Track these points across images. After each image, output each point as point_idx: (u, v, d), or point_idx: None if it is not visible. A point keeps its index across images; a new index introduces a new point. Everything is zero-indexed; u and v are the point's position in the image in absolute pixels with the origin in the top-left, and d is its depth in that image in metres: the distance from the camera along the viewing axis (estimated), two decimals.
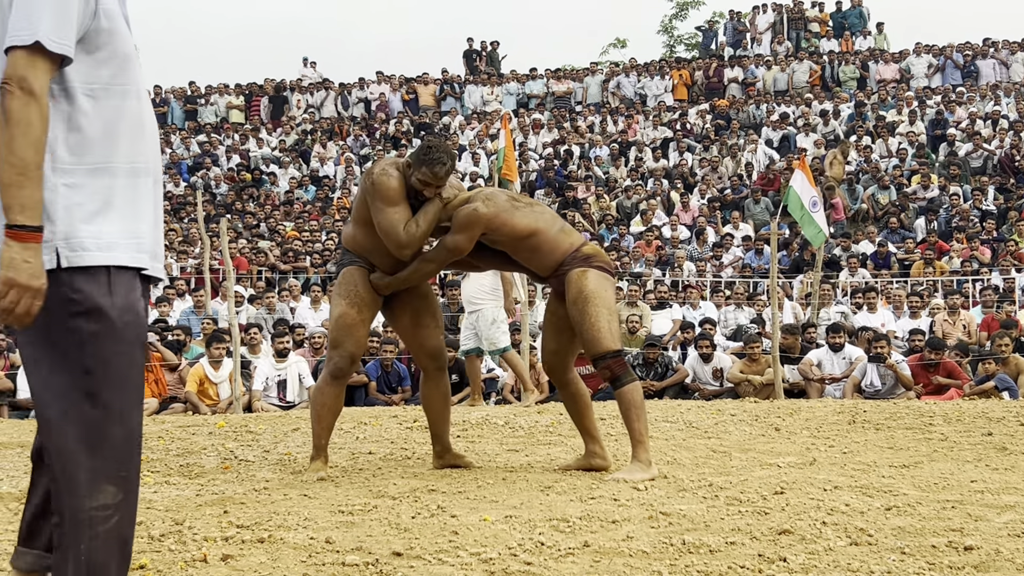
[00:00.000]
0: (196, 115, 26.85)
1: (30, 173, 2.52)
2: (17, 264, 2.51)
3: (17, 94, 2.53)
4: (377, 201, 5.60)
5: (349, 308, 5.77)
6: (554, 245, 5.69)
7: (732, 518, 4.46)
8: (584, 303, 5.57)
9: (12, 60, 2.55)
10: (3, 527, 4.34)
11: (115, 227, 2.68)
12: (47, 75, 2.57)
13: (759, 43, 27.79)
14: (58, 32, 2.56)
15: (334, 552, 3.92)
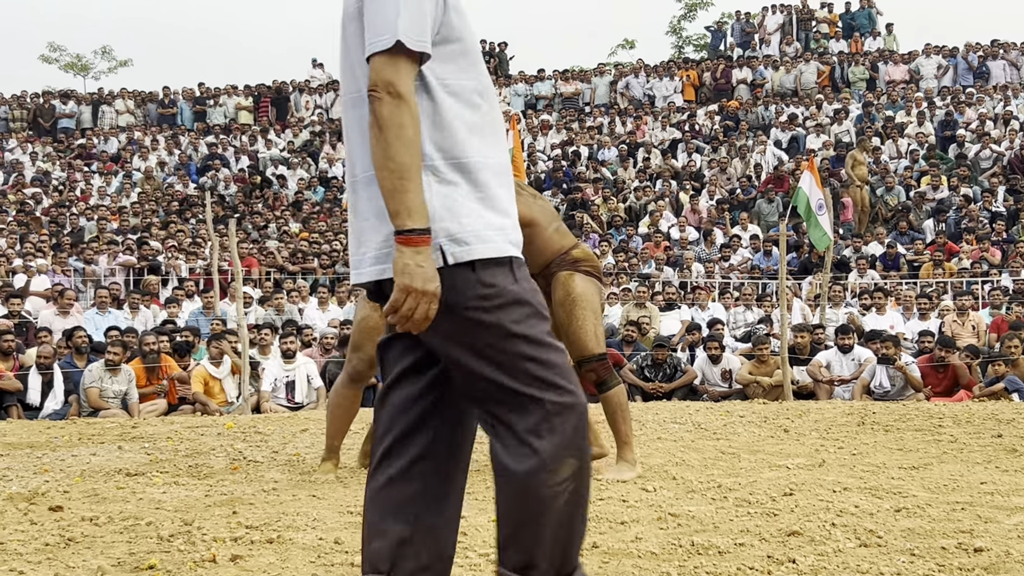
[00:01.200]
0: (205, 116, 26.88)
1: (410, 176, 2.50)
2: (411, 270, 2.49)
3: (386, 99, 2.51)
4: None
5: (373, 311, 5.79)
6: (547, 242, 5.63)
7: (741, 519, 4.46)
8: (571, 306, 5.54)
9: (375, 66, 2.53)
10: (14, 527, 4.35)
11: (494, 220, 2.64)
12: (411, 75, 2.56)
13: (768, 44, 27.74)
14: (415, 30, 2.55)
15: (343, 553, 3.92)
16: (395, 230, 2.51)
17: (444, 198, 2.60)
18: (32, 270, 15.44)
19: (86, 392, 10.83)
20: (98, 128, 26.87)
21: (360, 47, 2.63)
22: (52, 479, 5.58)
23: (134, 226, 19.77)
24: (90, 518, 4.49)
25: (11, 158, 25.00)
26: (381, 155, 2.52)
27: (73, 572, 3.66)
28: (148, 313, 14.01)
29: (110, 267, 16.50)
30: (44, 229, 19.33)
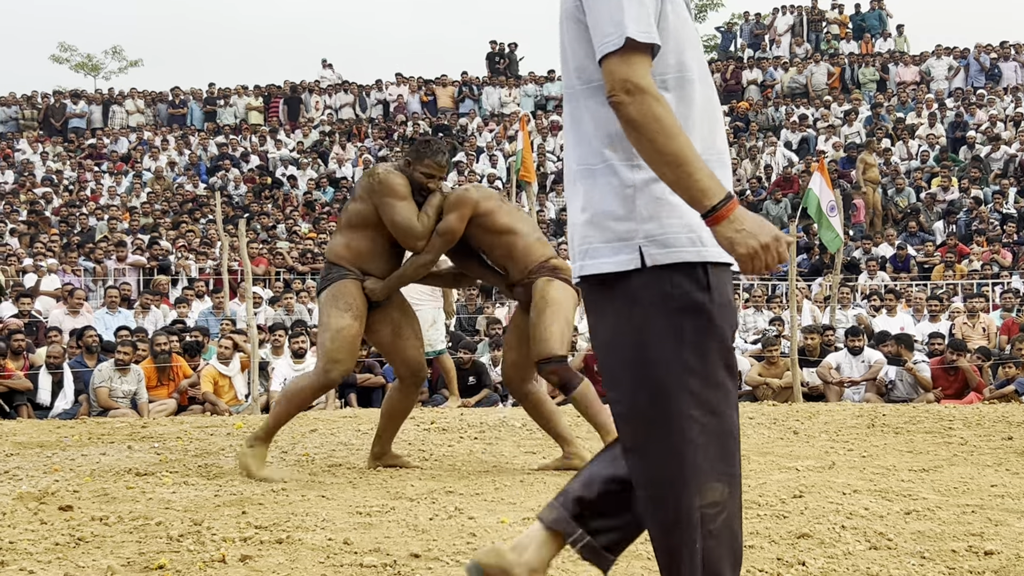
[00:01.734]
0: (215, 116, 26.93)
1: (686, 159, 2.42)
2: (736, 239, 2.41)
3: (626, 99, 2.44)
4: (388, 198, 5.77)
5: (353, 320, 5.84)
6: (528, 250, 5.88)
7: (751, 521, 4.45)
8: (545, 306, 5.74)
9: (608, 68, 2.47)
10: (24, 526, 4.36)
11: (687, 221, 2.53)
12: (646, 67, 2.48)
13: (778, 45, 27.70)
14: (642, 23, 2.48)
15: (352, 553, 3.92)
16: (702, 215, 2.44)
17: (647, 196, 2.54)
18: (42, 270, 15.47)
19: (96, 392, 10.85)
20: (108, 128, 26.94)
21: (573, 46, 2.60)
22: (62, 478, 5.59)
23: (144, 226, 19.81)
24: (100, 518, 4.50)
25: (22, 158, 25.08)
26: (650, 153, 2.46)
27: (83, 572, 3.66)
28: (158, 313, 14.03)
29: (120, 267, 16.53)
30: (54, 229, 19.38)
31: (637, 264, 2.52)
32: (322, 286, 5.97)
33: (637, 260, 2.52)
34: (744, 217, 2.43)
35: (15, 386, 10.80)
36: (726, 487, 2.58)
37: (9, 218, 20.23)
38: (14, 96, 28.27)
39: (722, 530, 2.57)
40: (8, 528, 4.32)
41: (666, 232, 2.52)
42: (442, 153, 5.91)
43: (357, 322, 5.83)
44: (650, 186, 2.53)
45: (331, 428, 7.99)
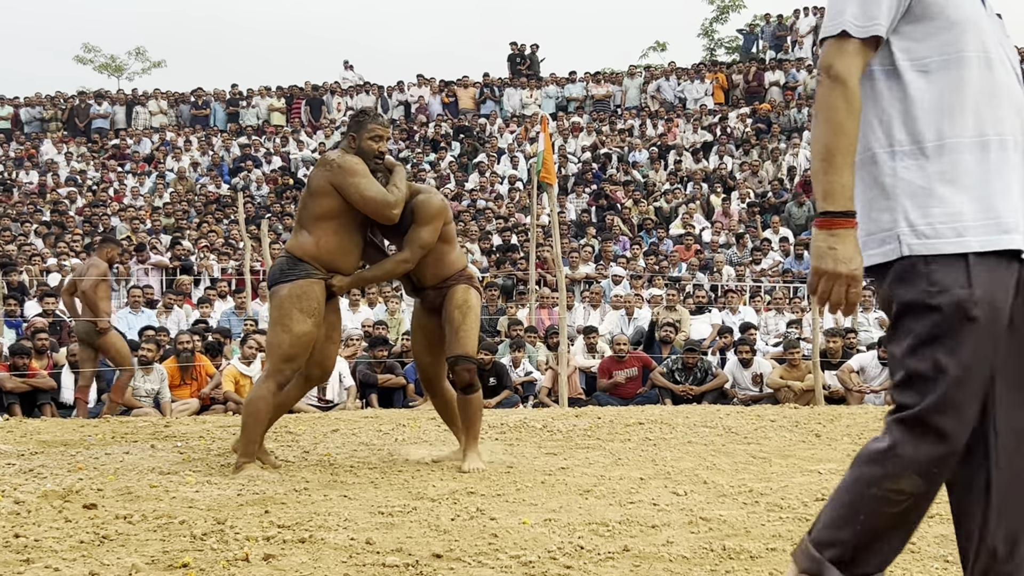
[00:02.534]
0: (238, 117, 27.04)
1: (832, 159, 2.48)
2: (822, 252, 2.48)
3: (824, 81, 2.52)
4: (350, 178, 5.86)
5: (314, 328, 5.91)
6: (455, 259, 6.25)
7: (773, 524, 4.44)
8: (467, 311, 6.12)
9: (824, 50, 2.55)
10: (49, 524, 4.39)
11: (966, 208, 2.50)
12: (856, 58, 2.52)
13: (800, 46, 27.62)
14: (864, 16, 2.52)
15: (374, 553, 3.93)
16: (816, 213, 2.50)
17: (909, 185, 2.53)
18: (66, 269, 15.56)
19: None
20: (132, 129, 27.08)
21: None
22: (86, 477, 5.63)
23: (166, 226, 19.91)
24: (124, 516, 4.53)
25: (46, 158, 25.23)
26: (814, 137, 2.54)
27: (107, 570, 3.68)
28: (181, 313, 14.10)
29: (143, 267, 16.62)
30: (78, 229, 19.48)
31: (898, 254, 2.52)
32: (282, 279, 5.93)
33: (897, 250, 2.52)
34: (846, 241, 2.46)
35: (39, 385, 10.87)
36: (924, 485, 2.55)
37: (33, 218, 20.35)
38: (39, 96, 28.45)
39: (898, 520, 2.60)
40: (33, 526, 4.35)
41: (928, 222, 2.50)
42: (379, 115, 6.20)
43: (316, 328, 5.92)
44: (911, 174, 2.53)
45: (352, 428, 8.01)
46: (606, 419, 8.58)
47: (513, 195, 21.32)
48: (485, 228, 19.18)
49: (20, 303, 13.64)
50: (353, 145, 6.04)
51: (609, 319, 14.45)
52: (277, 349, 5.88)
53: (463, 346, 6.05)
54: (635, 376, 12.31)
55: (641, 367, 12.36)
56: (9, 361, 10.93)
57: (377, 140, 6.03)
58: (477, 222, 19.50)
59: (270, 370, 5.94)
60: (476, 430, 6.22)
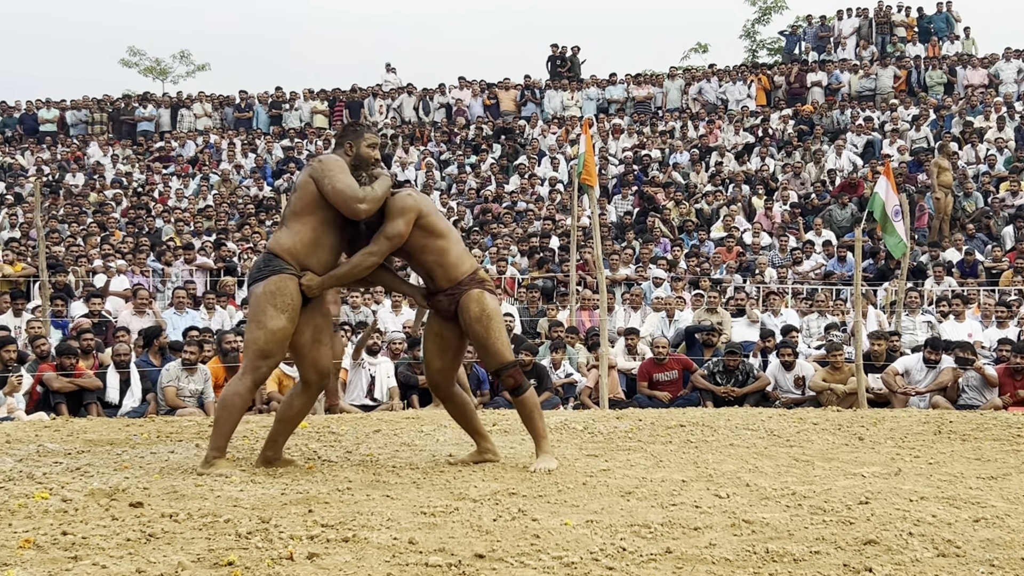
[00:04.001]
0: (281, 120, 27.20)
1: None
2: None
3: None
4: (328, 172, 5.86)
5: (288, 324, 5.91)
6: (459, 259, 6.15)
7: (816, 527, 4.42)
8: (488, 320, 6.05)
9: None
10: (96, 521, 4.45)
11: None
12: None
13: (843, 47, 27.41)
14: None
15: (417, 553, 3.96)
16: None
17: None
18: (112, 270, 15.74)
19: (163, 391, 11.04)
20: (176, 131, 27.33)
21: None
22: (132, 476, 5.69)
23: (210, 228, 20.08)
24: (170, 514, 4.58)
25: (92, 160, 25.52)
26: None
27: (154, 567, 3.73)
28: (224, 314, 14.21)
29: (187, 269, 16.77)
30: (121, 231, 19.69)
31: None
32: (258, 276, 5.98)
33: None
34: None
35: (85, 385, 11.00)
36: None
37: (79, 219, 20.59)
38: (85, 99, 28.78)
39: None
40: (80, 523, 4.41)
41: None
42: (374, 125, 6.22)
43: (291, 324, 5.92)
44: None
45: (394, 429, 8.05)
46: (647, 421, 8.57)
47: (554, 197, 21.31)
48: (526, 230, 19.19)
49: (66, 304, 13.80)
50: (350, 152, 6.07)
51: (650, 321, 14.42)
52: (253, 345, 5.94)
53: (498, 358, 6.08)
54: (675, 378, 12.29)
55: (681, 369, 12.33)
56: (56, 361, 11.06)
57: (373, 147, 6.11)
58: (518, 224, 19.51)
59: (246, 367, 6.00)
60: (539, 429, 6.19)
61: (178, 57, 43.36)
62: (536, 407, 6.22)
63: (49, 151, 26.58)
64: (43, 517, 4.56)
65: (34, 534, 4.18)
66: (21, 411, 10.46)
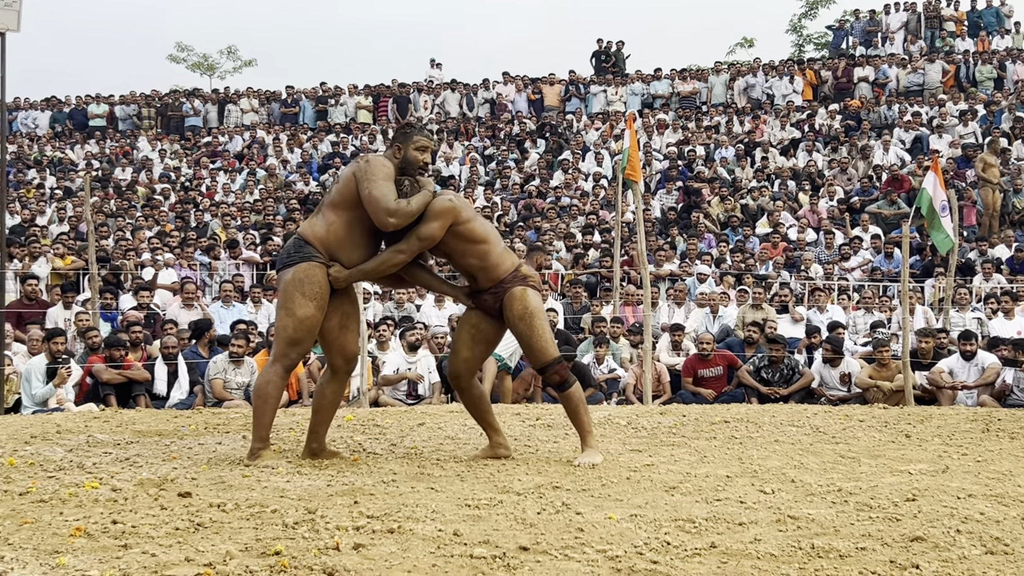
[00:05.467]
0: (326, 115, 27.35)
1: None
2: None
3: None
4: (371, 175, 5.86)
5: (317, 312, 5.95)
6: (500, 259, 6.15)
7: (862, 523, 4.40)
8: (531, 318, 6.07)
9: None
10: (145, 511, 4.50)
11: None
12: None
13: (891, 42, 27.15)
14: None
15: (462, 544, 3.97)
16: None
17: None
18: (160, 264, 15.90)
19: (210, 383, 11.15)
20: (223, 126, 27.56)
21: None
22: (180, 466, 5.75)
23: (256, 223, 20.23)
24: (217, 504, 4.63)
25: (141, 155, 25.80)
26: None
27: (202, 556, 3.77)
28: (270, 307, 14.32)
29: (234, 263, 16.92)
30: (170, 224, 19.89)
31: None
32: (287, 262, 6.01)
33: None
34: None
35: (134, 377, 11.14)
36: None
37: (128, 213, 20.82)
38: (134, 95, 29.08)
39: None
40: (130, 513, 4.47)
41: None
42: (427, 128, 6.23)
43: (319, 312, 5.95)
44: None
45: (438, 422, 8.08)
46: (691, 417, 8.54)
47: (597, 192, 21.28)
48: (569, 225, 19.17)
49: (115, 296, 13.97)
50: (398, 155, 6.06)
51: (694, 317, 14.37)
52: (282, 333, 6.00)
53: (543, 355, 6.09)
54: (720, 375, 12.24)
55: (726, 366, 12.28)
56: (105, 353, 11.20)
57: (422, 151, 6.07)
58: (561, 219, 19.50)
59: (276, 354, 6.05)
60: (585, 424, 6.20)
61: (225, 53, 43.69)
62: (582, 402, 6.22)
63: (98, 146, 26.89)
64: (93, 506, 4.63)
65: (85, 523, 4.24)
66: (71, 402, 10.61)
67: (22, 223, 19.42)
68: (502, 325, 6.23)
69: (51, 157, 25.99)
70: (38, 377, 10.62)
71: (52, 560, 3.66)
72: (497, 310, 6.16)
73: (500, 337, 6.41)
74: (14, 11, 10.32)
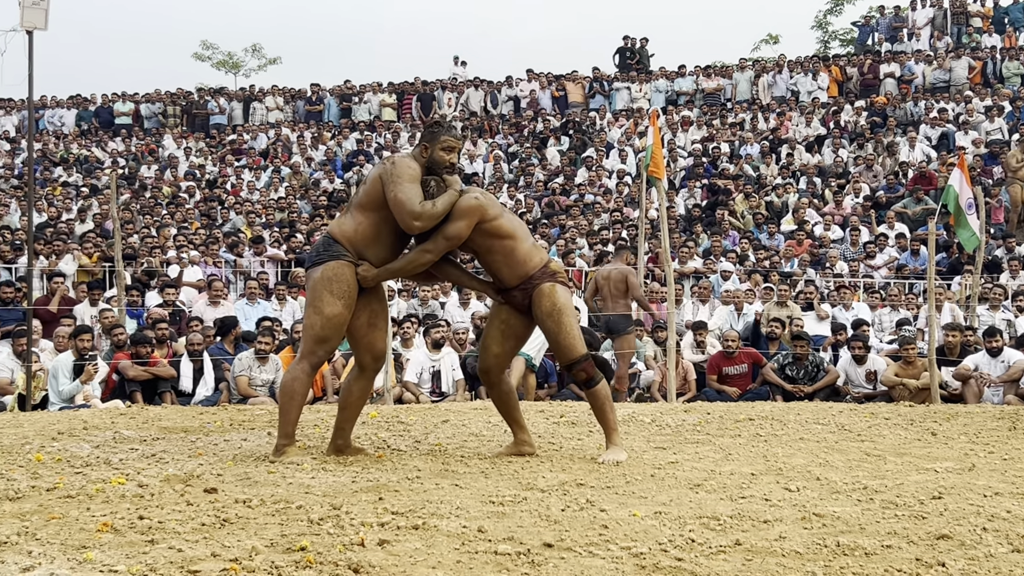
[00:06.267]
0: (351, 113, 27.41)
1: None
2: None
3: None
4: (396, 177, 5.88)
5: (345, 310, 5.97)
6: (527, 256, 6.13)
7: (888, 521, 4.38)
8: (559, 315, 6.05)
9: None
10: (172, 507, 4.53)
11: None
12: None
13: (917, 38, 26.99)
14: None
15: (486, 541, 3.98)
16: None
17: None
18: (185, 261, 15.98)
19: (236, 380, 11.20)
20: (248, 124, 27.66)
21: None
22: (206, 462, 5.79)
23: (281, 220, 20.30)
24: (243, 500, 4.65)
25: (167, 153, 25.93)
26: None
27: (228, 551, 3.79)
28: (295, 304, 14.37)
29: (258, 259, 16.99)
30: (196, 222, 19.98)
31: None
32: (316, 260, 6.04)
33: None
34: None
35: (160, 373, 11.20)
36: None
37: (153, 211, 20.93)
38: (159, 93, 29.22)
39: None
40: (157, 508, 4.50)
41: None
42: (454, 128, 6.18)
43: (347, 311, 5.98)
44: None
45: (462, 419, 8.09)
46: (715, 414, 8.53)
47: (621, 189, 21.25)
48: (592, 222, 19.15)
49: (141, 294, 14.05)
50: (425, 154, 6.06)
51: (718, 314, 14.34)
52: (310, 331, 6.03)
53: (571, 352, 6.08)
54: (745, 372, 12.21)
55: (751, 363, 12.25)
56: (131, 350, 11.27)
57: (449, 151, 6.06)
58: (585, 216, 19.48)
59: (303, 352, 6.07)
60: (610, 421, 6.19)
61: (250, 51, 43.80)
62: (608, 399, 6.21)
63: (124, 144, 27.04)
64: (120, 502, 4.66)
65: (112, 518, 4.26)
66: (97, 399, 10.68)
67: (48, 220, 19.56)
68: (531, 321, 6.23)
69: (77, 155, 26.15)
70: (65, 374, 10.70)
71: (79, 555, 3.69)
72: (526, 306, 6.16)
73: (529, 333, 6.41)
74: (41, 10, 10.40)
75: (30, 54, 10.51)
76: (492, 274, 6.26)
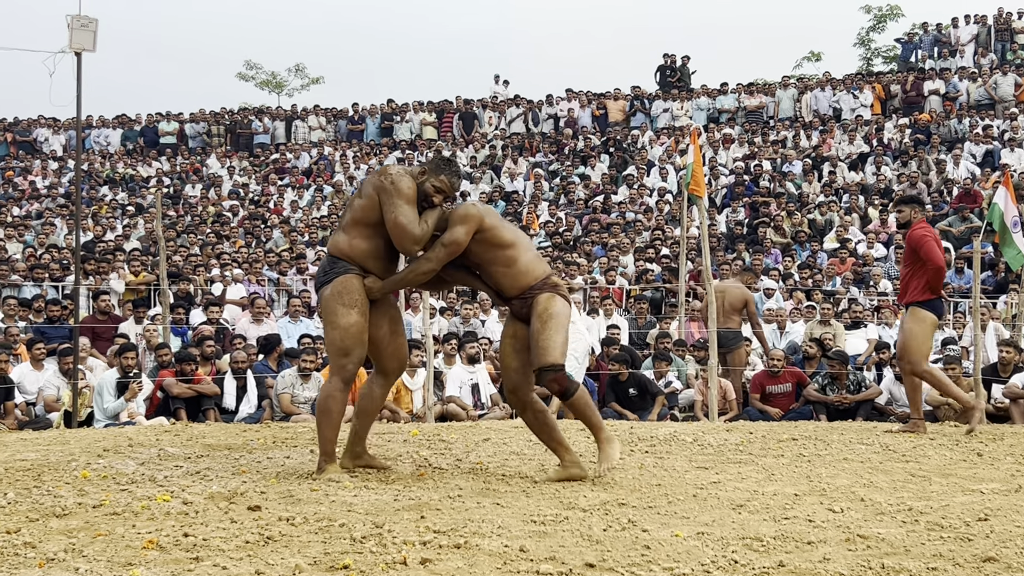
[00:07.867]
0: (392, 132, 27.58)
1: None
2: None
3: None
4: (395, 198, 5.90)
5: (359, 317, 6.00)
6: (528, 267, 6.09)
7: (933, 543, 4.34)
8: (548, 319, 5.96)
9: None
10: (216, 524, 4.57)
11: None
12: None
13: (961, 55, 26.78)
14: None
15: (528, 560, 3.98)
16: None
17: None
18: (228, 279, 16.12)
19: (279, 398, 11.26)
20: (291, 143, 27.89)
21: None
22: (250, 480, 5.83)
23: (323, 239, 20.43)
24: (287, 518, 4.68)
25: (211, 172, 26.19)
26: None
27: (272, 569, 3.82)
28: None
29: (301, 277, 17.10)
30: (240, 241, 20.16)
31: None
32: (325, 280, 6.08)
33: None
34: None
35: (204, 391, 11.29)
36: None
37: (198, 230, 21.14)
38: (203, 112, 29.54)
39: None
40: (201, 526, 4.54)
41: None
42: (458, 177, 6.18)
43: (363, 318, 6.01)
44: None
45: (503, 438, 8.08)
46: (758, 434, 8.47)
47: (662, 207, 21.22)
48: (634, 241, 19.13)
49: (186, 311, 14.18)
50: (420, 176, 6.08)
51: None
52: (332, 346, 6.08)
53: (546, 355, 5.88)
54: (789, 391, 12.13)
55: (795, 382, 12.16)
56: (176, 367, 11.37)
57: (439, 192, 6.06)
58: (626, 234, 19.46)
59: (332, 368, 6.13)
60: (595, 421, 6.10)
61: (293, 71, 44.24)
62: (588, 403, 6.11)
63: (169, 163, 27.35)
64: (165, 519, 4.70)
65: (157, 535, 4.31)
66: (141, 416, 10.78)
67: (94, 239, 19.80)
68: None
69: (122, 174, 26.47)
70: (109, 391, 10.82)
71: (125, 572, 3.73)
72: (526, 316, 6.13)
73: None
74: (90, 32, 10.56)
75: (78, 75, 10.66)
76: (494, 285, 6.24)
